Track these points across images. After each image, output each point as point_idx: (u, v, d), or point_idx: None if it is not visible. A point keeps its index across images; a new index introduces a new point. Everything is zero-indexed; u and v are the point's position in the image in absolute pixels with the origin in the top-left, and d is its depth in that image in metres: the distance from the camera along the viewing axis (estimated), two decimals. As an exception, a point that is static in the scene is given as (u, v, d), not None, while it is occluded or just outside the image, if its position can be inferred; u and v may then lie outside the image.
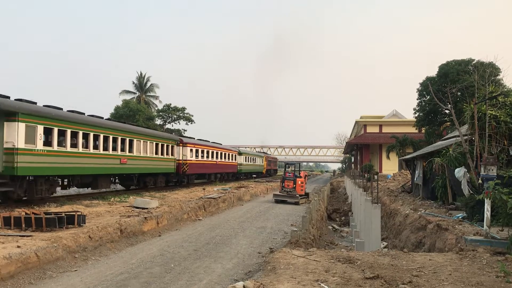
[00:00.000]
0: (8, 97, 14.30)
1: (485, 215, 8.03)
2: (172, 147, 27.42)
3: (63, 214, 10.40)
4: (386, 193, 21.98)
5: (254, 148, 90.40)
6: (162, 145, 25.68)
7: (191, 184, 30.90)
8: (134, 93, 58.27)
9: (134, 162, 21.81)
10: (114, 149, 20.08)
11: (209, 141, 36.71)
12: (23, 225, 9.80)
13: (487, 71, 15.94)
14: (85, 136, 17.72)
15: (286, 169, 26.60)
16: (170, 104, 54.60)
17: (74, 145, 16.98)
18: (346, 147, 66.85)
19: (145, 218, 12.51)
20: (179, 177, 29.53)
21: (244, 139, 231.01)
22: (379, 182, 20.43)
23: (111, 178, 21.18)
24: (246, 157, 49.36)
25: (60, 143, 16.12)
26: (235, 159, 43.63)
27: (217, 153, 36.79)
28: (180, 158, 28.51)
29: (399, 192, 21.85)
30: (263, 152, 73.46)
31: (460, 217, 10.88)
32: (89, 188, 19.87)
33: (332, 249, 12.58)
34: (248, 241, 11.91)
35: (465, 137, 13.33)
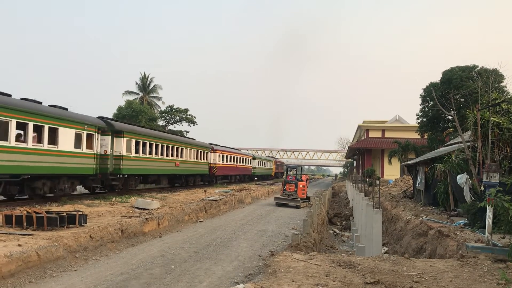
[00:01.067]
0: (113, 119, 20.78)
1: (487, 222, 8.01)
2: (207, 153, 33.75)
3: (65, 214, 10.43)
4: (388, 199, 21.94)
5: (256, 151, 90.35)
6: (201, 152, 32.10)
7: (218, 183, 36.78)
8: (137, 93, 58.30)
9: (183, 165, 28.34)
10: (172, 155, 26.36)
11: (230, 148, 41.88)
12: (25, 224, 9.83)
13: (491, 78, 15.88)
14: (156, 146, 23.83)
15: (288, 173, 26.63)
16: (173, 105, 54.76)
17: (149, 152, 23.04)
18: (348, 152, 66.75)
19: (146, 219, 12.52)
20: (210, 178, 35.63)
21: (246, 142, 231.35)
22: (380, 187, 20.39)
23: (167, 177, 26.92)
24: (259, 161, 56.21)
25: (143, 151, 22.25)
26: (250, 163, 49.31)
27: (237, 157, 42.47)
28: (211, 162, 34.57)
29: (401, 198, 21.81)
30: (272, 157, 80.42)
31: (462, 224, 10.86)
32: (153, 184, 25.79)
33: (333, 253, 12.57)
34: (249, 243, 11.90)
35: (468, 144, 13.30)
